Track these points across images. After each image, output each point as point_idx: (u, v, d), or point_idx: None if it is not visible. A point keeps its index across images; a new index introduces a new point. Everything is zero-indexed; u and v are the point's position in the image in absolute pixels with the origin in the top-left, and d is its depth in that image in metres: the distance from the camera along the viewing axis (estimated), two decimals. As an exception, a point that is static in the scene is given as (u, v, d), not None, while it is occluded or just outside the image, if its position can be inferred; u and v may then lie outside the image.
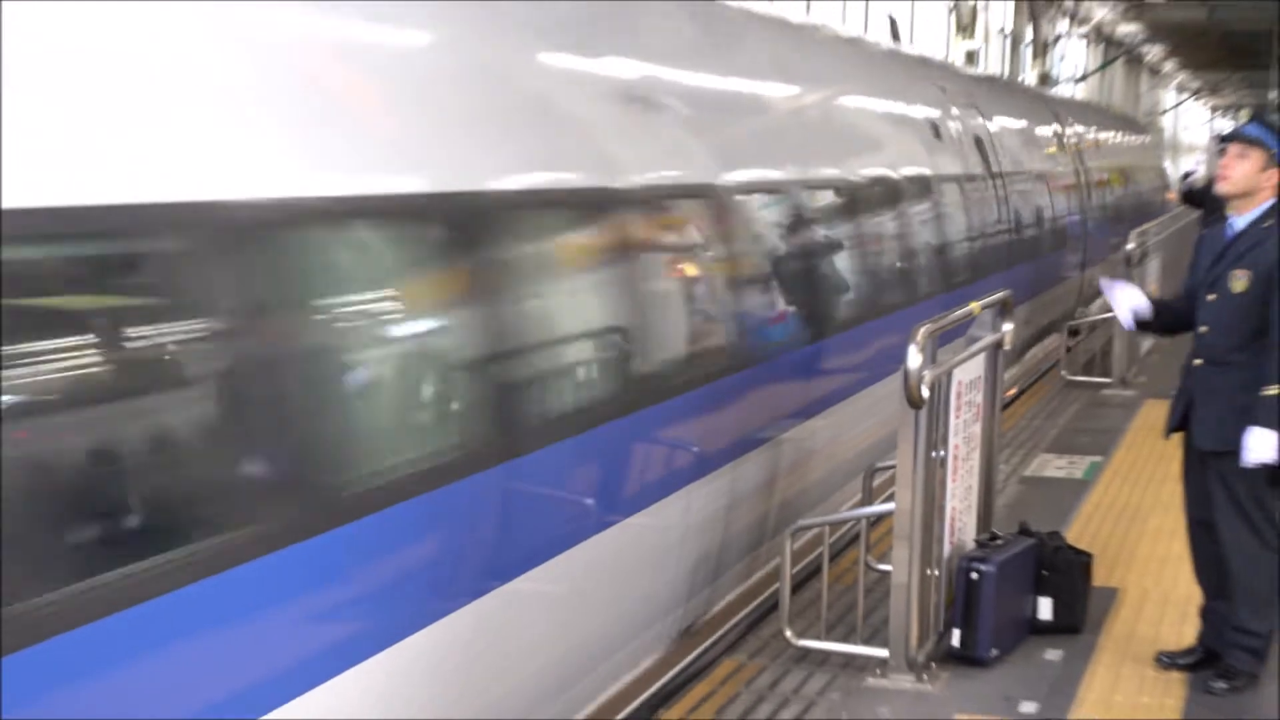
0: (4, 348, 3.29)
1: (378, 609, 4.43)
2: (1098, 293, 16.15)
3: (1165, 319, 6.51)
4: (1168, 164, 42.05)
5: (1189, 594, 6.52)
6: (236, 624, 3.87)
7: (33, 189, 3.36)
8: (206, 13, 4.13)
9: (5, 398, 3.33)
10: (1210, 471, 5.98)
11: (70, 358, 3.70)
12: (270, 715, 3.91)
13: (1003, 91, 18.77)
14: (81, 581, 3.39)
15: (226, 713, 3.80)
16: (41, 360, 3.54)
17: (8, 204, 3.24)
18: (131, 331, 3.90)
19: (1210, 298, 5.98)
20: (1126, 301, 6.34)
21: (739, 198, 7.46)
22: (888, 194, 10.08)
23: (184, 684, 3.73)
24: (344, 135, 4.66)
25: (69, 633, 3.31)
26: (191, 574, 3.67)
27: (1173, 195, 18.66)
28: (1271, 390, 5.64)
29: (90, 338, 3.79)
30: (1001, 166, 14.52)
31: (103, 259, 3.84)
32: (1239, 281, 5.86)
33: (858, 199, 9.41)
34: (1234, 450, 5.74)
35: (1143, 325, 6.61)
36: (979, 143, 13.83)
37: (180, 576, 3.65)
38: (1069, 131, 20.59)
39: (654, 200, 6.52)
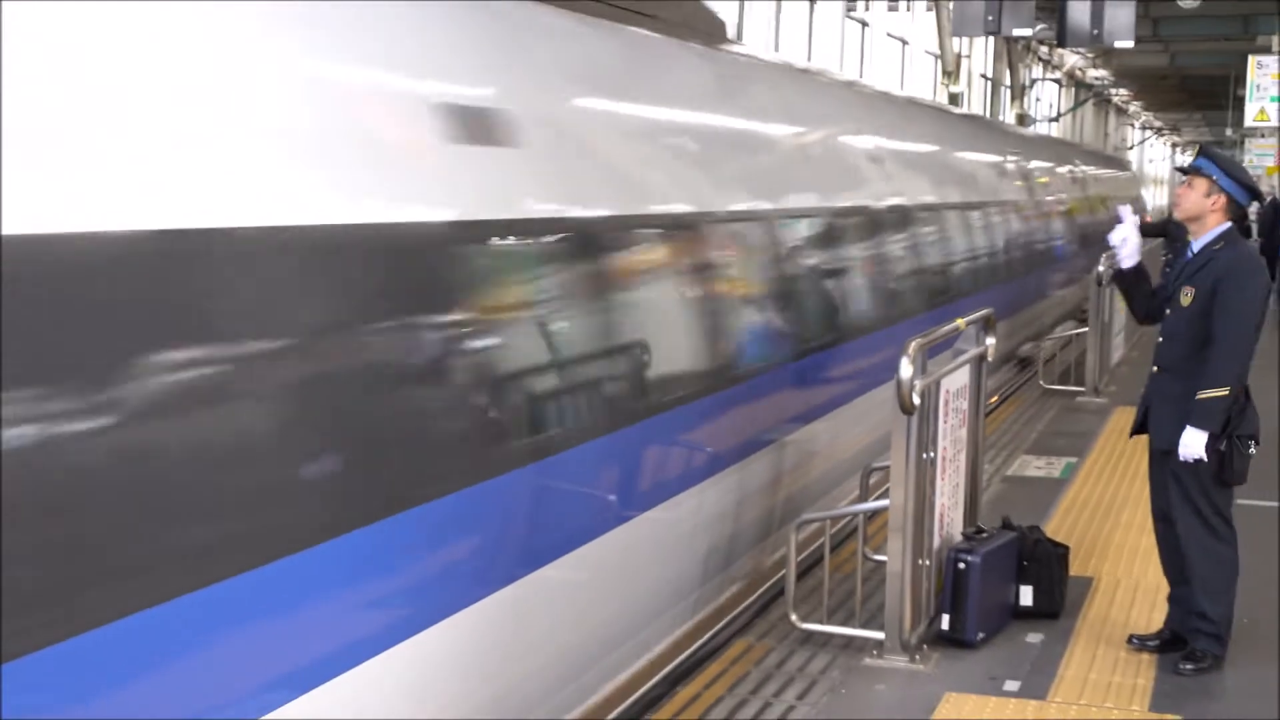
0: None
1: (474, 572, 4.71)
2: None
3: (1142, 293, 6.55)
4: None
5: (1158, 582, 6.56)
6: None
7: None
8: None
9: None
10: (1167, 469, 6.06)
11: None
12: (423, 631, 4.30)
13: (1009, 134, 19.42)
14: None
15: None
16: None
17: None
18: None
19: (1168, 312, 6.16)
20: (1126, 235, 6.36)
21: (756, 225, 7.50)
22: (896, 220, 10.13)
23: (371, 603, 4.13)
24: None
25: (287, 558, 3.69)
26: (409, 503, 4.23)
27: (1149, 218, 18.75)
28: (1205, 394, 5.79)
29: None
30: (1009, 197, 14.72)
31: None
32: (1186, 297, 6.02)
33: (868, 224, 9.46)
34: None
35: (1123, 277, 6.57)
36: (1000, 174, 14.04)
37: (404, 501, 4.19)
38: (1067, 169, 21.44)
39: (681, 227, 6.61)
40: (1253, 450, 5.93)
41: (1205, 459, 5.83)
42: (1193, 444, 5.82)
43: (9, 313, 2.94)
